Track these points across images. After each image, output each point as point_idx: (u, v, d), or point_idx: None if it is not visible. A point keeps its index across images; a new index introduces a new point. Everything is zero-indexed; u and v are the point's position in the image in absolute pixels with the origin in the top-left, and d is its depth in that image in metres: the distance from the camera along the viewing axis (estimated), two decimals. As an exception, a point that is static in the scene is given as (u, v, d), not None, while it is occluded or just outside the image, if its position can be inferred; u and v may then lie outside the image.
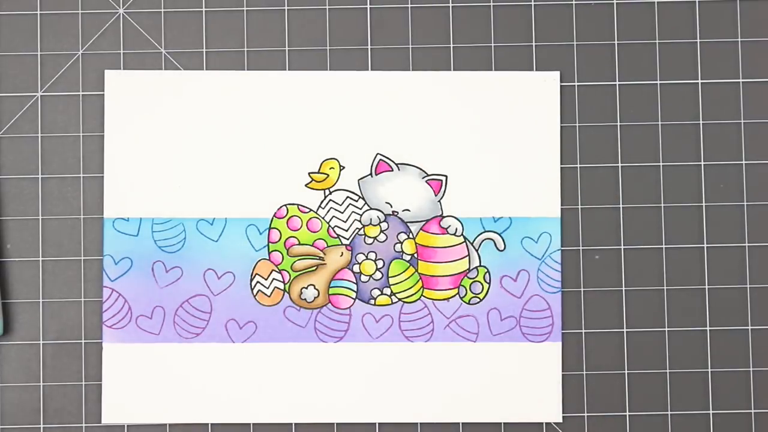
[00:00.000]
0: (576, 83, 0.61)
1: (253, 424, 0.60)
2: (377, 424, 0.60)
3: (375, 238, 0.61)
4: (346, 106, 0.61)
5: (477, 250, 0.60)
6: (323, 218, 0.60)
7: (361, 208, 0.61)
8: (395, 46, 0.61)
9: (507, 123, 0.61)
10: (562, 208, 0.61)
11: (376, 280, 0.60)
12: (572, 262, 0.61)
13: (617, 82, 0.61)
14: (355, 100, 0.61)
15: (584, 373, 0.60)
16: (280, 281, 0.60)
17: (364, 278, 0.60)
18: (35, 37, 0.61)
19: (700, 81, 0.61)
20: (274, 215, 0.60)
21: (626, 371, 0.60)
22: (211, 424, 0.60)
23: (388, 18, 0.61)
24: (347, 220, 0.60)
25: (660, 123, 0.61)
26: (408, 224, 0.61)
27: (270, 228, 0.60)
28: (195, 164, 0.60)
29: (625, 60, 0.61)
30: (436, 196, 0.61)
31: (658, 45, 0.61)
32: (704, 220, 0.61)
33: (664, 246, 0.61)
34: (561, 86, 0.61)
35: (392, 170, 0.61)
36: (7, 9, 0.61)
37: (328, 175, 0.61)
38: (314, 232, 0.60)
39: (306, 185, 0.60)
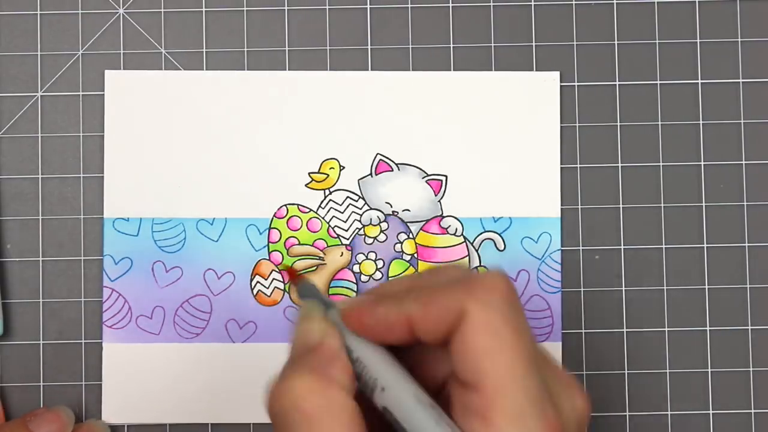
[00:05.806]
0: (576, 83, 0.61)
1: (253, 424, 0.60)
2: (377, 424, 0.60)
3: (375, 238, 0.61)
4: (346, 106, 0.61)
5: (477, 250, 0.60)
6: (323, 218, 0.60)
7: (361, 208, 0.61)
8: (395, 46, 0.61)
9: (507, 123, 0.61)
10: (562, 208, 0.61)
11: (376, 280, 0.60)
12: (572, 262, 0.61)
13: (617, 82, 0.61)
14: (355, 100, 0.61)
15: (584, 373, 0.60)
16: (280, 281, 0.60)
17: (364, 278, 0.60)
18: (35, 37, 0.61)
19: (700, 81, 0.61)
20: (274, 215, 0.60)
21: (626, 371, 0.60)
22: (211, 424, 0.60)
23: (388, 18, 0.61)
24: (347, 220, 0.60)
25: (660, 123, 0.61)
26: (408, 224, 0.61)
27: (270, 228, 0.60)
28: (195, 164, 0.60)
29: (625, 60, 0.61)
30: (436, 196, 0.61)
31: (658, 45, 0.61)
32: (704, 220, 0.61)
33: (664, 246, 0.61)
34: (561, 86, 0.61)
35: (392, 170, 0.61)
36: (7, 9, 0.61)
37: (328, 175, 0.61)
38: (314, 232, 0.60)
39: (306, 185, 0.60)
